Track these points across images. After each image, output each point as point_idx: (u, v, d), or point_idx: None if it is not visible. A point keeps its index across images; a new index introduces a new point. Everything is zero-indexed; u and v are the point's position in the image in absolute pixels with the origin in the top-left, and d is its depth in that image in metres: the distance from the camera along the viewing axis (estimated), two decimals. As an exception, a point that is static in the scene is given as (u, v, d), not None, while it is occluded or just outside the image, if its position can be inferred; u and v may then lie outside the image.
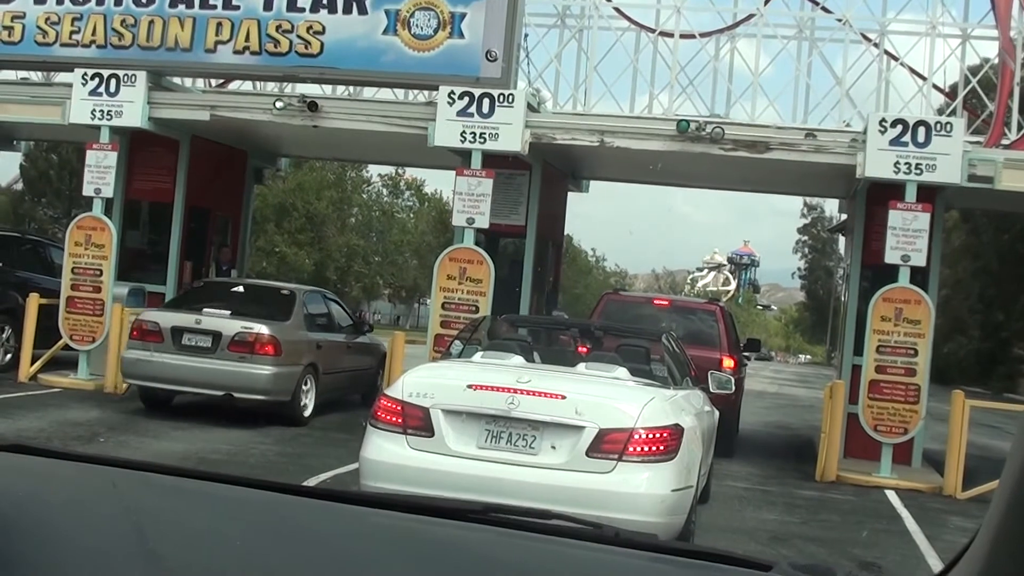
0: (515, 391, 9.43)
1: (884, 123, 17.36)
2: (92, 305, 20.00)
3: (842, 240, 78.49)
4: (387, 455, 9.48)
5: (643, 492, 9.13)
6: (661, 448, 9.26)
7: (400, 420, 9.55)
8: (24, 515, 2.21)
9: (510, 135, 18.24)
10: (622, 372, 10.51)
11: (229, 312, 17.73)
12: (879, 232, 18.03)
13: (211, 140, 22.56)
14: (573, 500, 8.56)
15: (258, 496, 2.56)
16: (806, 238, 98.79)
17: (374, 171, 72.35)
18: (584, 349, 13.00)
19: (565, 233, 25.92)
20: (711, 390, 12.52)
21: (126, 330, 19.09)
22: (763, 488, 16.16)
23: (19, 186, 65.02)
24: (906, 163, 17.19)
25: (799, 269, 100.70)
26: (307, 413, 18.24)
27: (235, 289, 19.35)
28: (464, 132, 18.29)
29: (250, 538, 2.27)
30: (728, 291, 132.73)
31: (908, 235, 17.19)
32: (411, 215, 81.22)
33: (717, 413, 13.04)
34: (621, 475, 9.09)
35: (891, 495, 16.40)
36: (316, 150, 29.22)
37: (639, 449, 9.17)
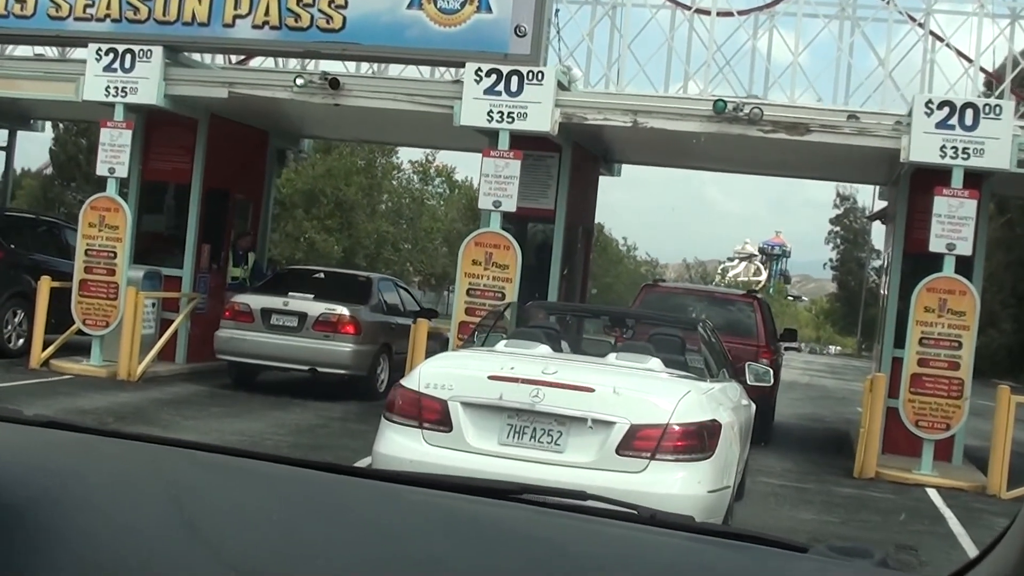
0: (540, 383, 8.76)
1: (930, 105, 16.67)
2: (106, 288, 19.39)
3: (876, 230, 78.07)
4: (402, 450, 8.84)
5: (677, 493, 8.40)
6: (697, 445, 8.65)
7: (416, 413, 8.96)
8: (64, 490, 2.23)
9: (539, 114, 17.58)
10: (655, 363, 9.75)
11: (313, 296, 19.65)
12: (922, 220, 17.40)
13: (231, 120, 21.89)
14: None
15: (298, 474, 2.58)
16: (838, 229, 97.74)
17: (404, 157, 72.16)
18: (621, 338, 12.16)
19: (596, 220, 25.25)
20: (748, 382, 11.95)
21: (140, 314, 18.93)
22: (799, 485, 15.55)
23: (49, 171, 65.02)
24: (952, 147, 16.51)
25: (831, 260, 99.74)
26: (382, 388, 19.47)
27: (317, 275, 21.51)
28: (491, 111, 17.64)
29: (291, 515, 2.27)
30: (759, 281, 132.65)
31: (954, 223, 16.52)
32: (441, 202, 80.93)
33: (754, 407, 12.18)
34: (654, 475, 8.45)
35: (933, 494, 15.83)
36: (339, 131, 28.41)
37: (674, 447, 8.54)
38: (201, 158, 21.41)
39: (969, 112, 16.53)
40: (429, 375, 9.21)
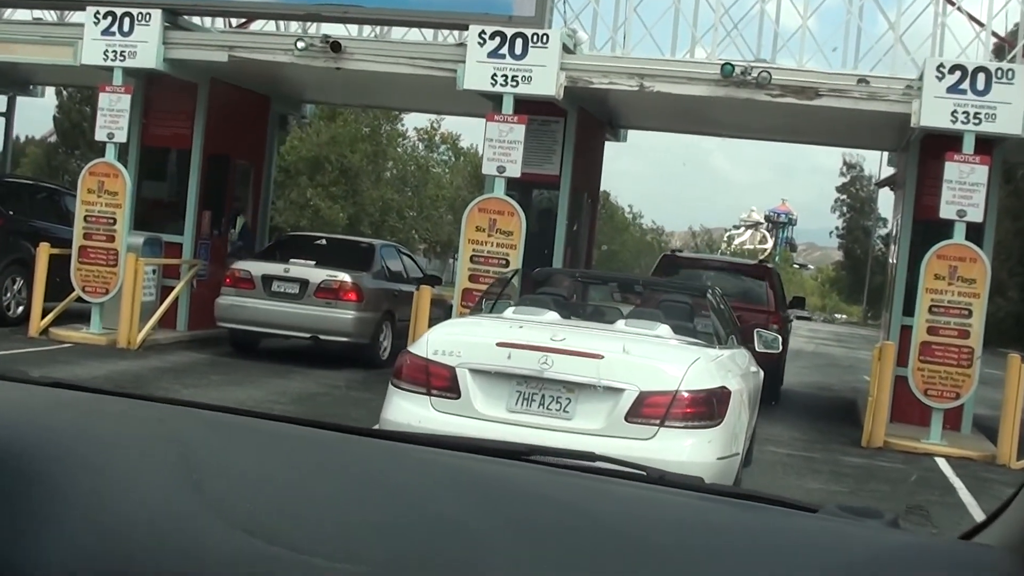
0: (549, 350, 8.66)
1: (942, 69, 16.45)
2: (105, 255, 19.17)
3: (883, 199, 77.89)
4: (409, 417, 8.71)
5: (686, 461, 8.23)
6: (706, 412, 8.57)
7: (424, 380, 8.87)
8: (70, 448, 2.24)
9: (544, 78, 17.35)
10: (664, 330, 9.68)
11: (315, 262, 19.40)
12: (932, 186, 17.25)
13: (231, 84, 21.66)
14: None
15: (306, 434, 2.58)
16: (845, 197, 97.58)
17: (409, 124, 71.92)
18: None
19: (601, 188, 25.07)
20: (757, 349, 11.78)
21: (140, 281, 18.75)
22: (807, 454, 15.36)
23: (53, 139, 64.98)
24: (964, 112, 16.30)
25: (837, 228, 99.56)
26: (384, 356, 19.66)
27: (319, 242, 21.38)
28: (495, 74, 17.41)
29: (298, 474, 2.27)
30: (765, 249, 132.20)
31: (965, 189, 16.31)
32: (446, 169, 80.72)
33: (763, 373, 12.05)
34: (663, 442, 8.36)
35: (942, 463, 15.66)
36: (342, 96, 28.16)
37: (683, 413, 8.48)
38: (201, 123, 21.15)
39: (981, 77, 16.30)
40: (437, 342, 9.11)
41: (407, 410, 8.82)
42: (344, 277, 19.14)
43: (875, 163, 75.47)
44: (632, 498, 2.30)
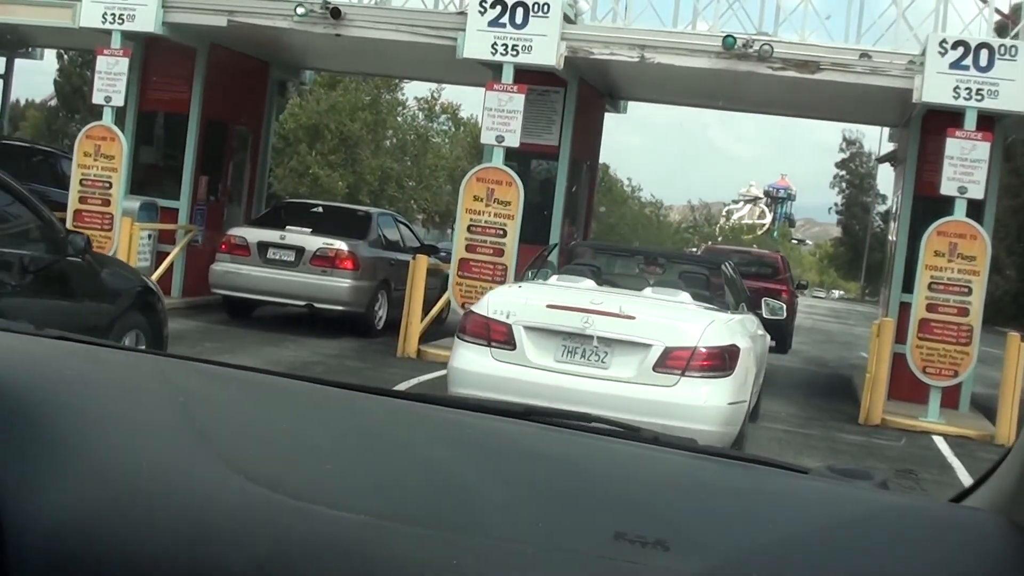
0: (590, 311, 10.24)
1: (944, 45, 16.33)
2: (100, 219, 19.00)
3: (882, 175, 77.83)
4: (474, 365, 10.46)
5: (703, 404, 10.01)
6: (719, 365, 10.16)
7: (485, 334, 10.49)
8: (76, 396, 2.28)
9: (544, 48, 17.22)
10: (685, 297, 11.37)
11: (311, 230, 19.14)
12: (933, 162, 17.22)
13: (230, 49, 21.47)
14: (640, 410, 9.44)
15: (306, 388, 2.62)
16: (844, 173, 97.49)
17: (409, 94, 71.68)
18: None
19: (600, 161, 25.01)
20: (764, 315, 13.32)
21: (135, 245, 18.63)
22: (804, 431, 15.25)
23: (54, 102, 64.81)
24: (967, 88, 16.19)
25: (836, 204, 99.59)
26: (380, 326, 19.71)
27: (315, 209, 21.05)
28: (495, 43, 17.27)
29: (299, 425, 2.34)
30: (763, 224, 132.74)
31: (966, 165, 16.20)
32: (446, 140, 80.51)
33: (768, 337, 13.55)
34: (684, 388, 10.00)
35: (939, 441, 15.58)
36: (342, 63, 28.16)
37: (700, 365, 10.06)
38: (200, 88, 21.00)
39: (984, 53, 16.19)
40: (496, 303, 10.76)
41: (471, 359, 10.52)
42: (340, 245, 18.86)
43: (875, 140, 75.58)
44: (626, 456, 2.40)
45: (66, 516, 2.03)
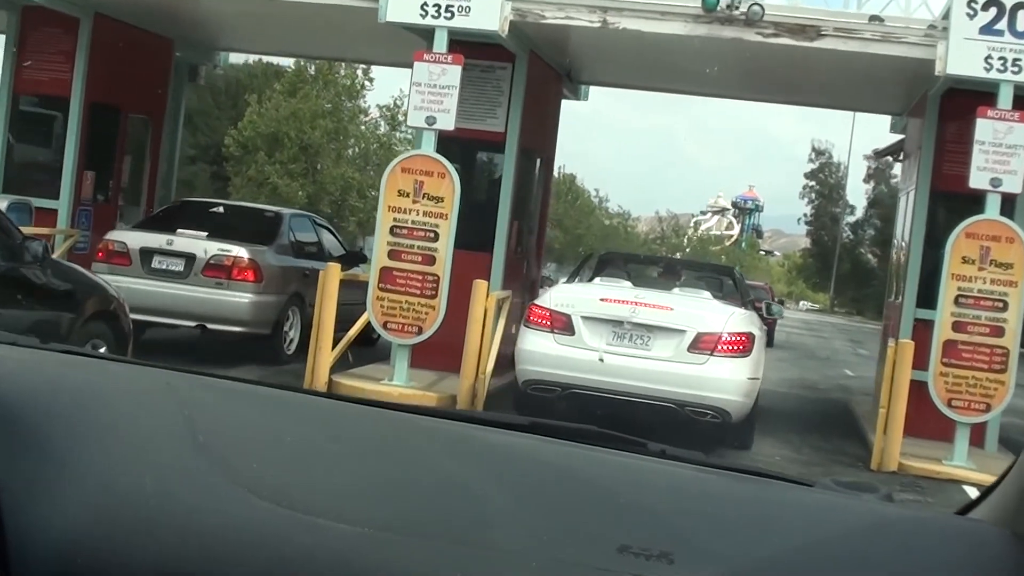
0: (636, 303, 12.96)
1: (974, 5, 13.90)
2: (-44, 222, 16.12)
3: (852, 184, 77.14)
4: (540, 347, 13.08)
5: (728, 378, 12.71)
6: (741, 348, 12.87)
7: (548, 322, 13.09)
8: (80, 408, 2.28)
9: (485, 10, 14.52)
10: (707, 295, 14.28)
11: (206, 233, 16.57)
12: (953, 152, 15.24)
13: (123, 22, 18.83)
14: (677, 383, 12.47)
15: (308, 400, 2.71)
16: (813, 183, 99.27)
17: (372, 101, 70.85)
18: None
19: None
20: (764, 315, 16.79)
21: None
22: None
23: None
24: (1000, 58, 13.86)
25: (805, 215, 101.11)
26: (291, 350, 17.28)
27: (215, 209, 18.62)
28: (426, 4, 14.50)
29: (303, 438, 2.33)
30: (731, 235, 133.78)
31: (1000, 152, 13.72)
32: (409, 148, 79.74)
33: (766, 330, 15.93)
34: (713, 366, 12.68)
35: (972, 493, 12.55)
36: (257, 43, 25.71)
37: (725, 348, 12.73)
38: (82, 66, 18.30)
39: (1021, 14, 13.78)
40: (558, 298, 13.61)
41: (537, 342, 13.16)
42: (239, 251, 16.17)
43: (844, 150, 75.67)
44: (631, 468, 2.41)
45: (70, 529, 2.02)
